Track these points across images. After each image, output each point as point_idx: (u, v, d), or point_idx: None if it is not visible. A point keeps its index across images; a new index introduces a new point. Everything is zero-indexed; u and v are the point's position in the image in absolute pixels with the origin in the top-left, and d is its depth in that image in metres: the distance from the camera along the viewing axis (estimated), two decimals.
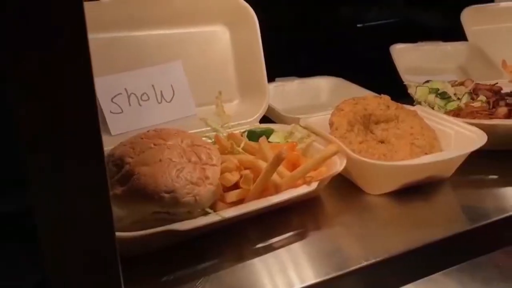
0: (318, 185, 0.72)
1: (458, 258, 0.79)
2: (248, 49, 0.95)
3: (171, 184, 0.63)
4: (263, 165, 0.70)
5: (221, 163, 0.71)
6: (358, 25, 1.41)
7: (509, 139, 0.90)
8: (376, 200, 0.79)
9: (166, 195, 0.62)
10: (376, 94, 1.00)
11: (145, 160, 0.65)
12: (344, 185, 0.83)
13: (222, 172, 0.70)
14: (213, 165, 0.69)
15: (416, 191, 0.81)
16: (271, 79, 1.16)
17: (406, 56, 1.26)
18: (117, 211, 0.64)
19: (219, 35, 0.96)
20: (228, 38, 0.97)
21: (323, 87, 1.19)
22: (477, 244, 0.80)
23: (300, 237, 0.71)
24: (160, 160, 0.65)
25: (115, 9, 0.85)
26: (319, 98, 1.17)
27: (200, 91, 0.94)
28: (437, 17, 1.45)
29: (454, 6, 1.36)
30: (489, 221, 0.78)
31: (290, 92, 1.16)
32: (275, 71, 1.18)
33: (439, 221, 0.77)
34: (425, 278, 0.77)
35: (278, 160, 0.68)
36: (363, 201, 0.79)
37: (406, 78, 1.17)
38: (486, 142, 0.83)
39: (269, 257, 0.67)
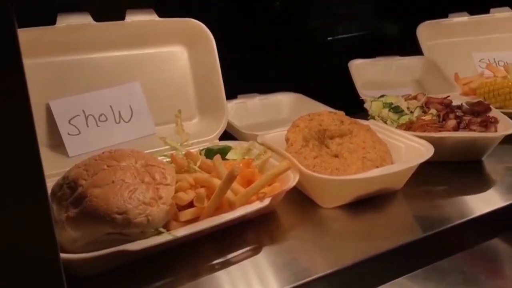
0: (272, 200, 0.74)
1: (410, 266, 0.82)
2: (207, 69, 0.97)
3: (123, 205, 0.64)
4: (218, 183, 0.72)
5: (176, 182, 0.72)
6: (329, 38, 1.44)
7: (457, 151, 0.93)
8: (329, 213, 0.82)
9: (118, 216, 0.63)
10: (333, 110, 1.03)
11: (98, 182, 0.66)
12: (300, 199, 0.85)
13: (176, 191, 0.71)
14: (167, 184, 0.70)
15: (368, 203, 0.83)
16: (233, 96, 1.19)
17: (364, 71, 1.30)
18: (71, 233, 0.65)
19: (177, 55, 0.98)
20: (186, 58, 0.99)
21: (284, 103, 1.21)
22: (428, 252, 0.83)
23: (255, 252, 0.73)
24: (113, 182, 0.66)
25: (71, 32, 0.86)
26: (280, 114, 1.20)
27: (159, 110, 0.96)
28: (402, 30, 1.50)
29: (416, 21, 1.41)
30: (439, 229, 0.81)
31: (252, 108, 1.18)
32: (239, 88, 1.21)
33: (391, 231, 0.79)
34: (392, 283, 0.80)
35: (231, 178, 0.70)
36: (317, 214, 0.81)
37: (364, 92, 1.21)
38: (436, 154, 0.87)
39: (224, 273, 0.68)
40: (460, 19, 1.42)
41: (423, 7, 1.48)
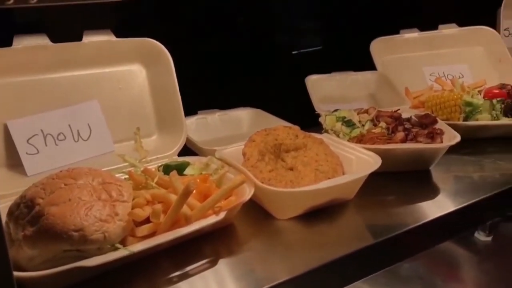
0: (228, 214, 0.77)
1: (364, 271, 0.85)
2: (165, 86, 1.00)
3: (80, 223, 0.65)
4: (174, 198, 0.74)
5: (133, 199, 0.74)
6: (293, 52, 1.49)
7: (405, 161, 0.99)
8: (285, 224, 0.85)
9: (75, 234, 0.65)
10: (289, 124, 1.07)
11: (55, 200, 0.68)
12: (257, 211, 0.88)
13: (133, 208, 0.73)
14: (124, 201, 0.72)
15: (322, 213, 0.87)
16: (194, 112, 1.22)
17: (320, 86, 1.35)
18: (28, 251, 0.66)
19: (135, 74, 1.01)
20: (144, 76, 1.01)
21: (244, 118, 1.25)
22: (381, 257, 0.87)
23: (212, 264, 0.75)
24: (70, 200, 0.68)
25: (27, 53, 0.87)
26: (239, 129, 1.23)
27: (118, 128, 0.98)
28: (356, 45, 1.56)
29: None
30: (389, 235, 0.85)
31: (212, 124, 1.21)
32: (200, 104, 1.24)
33: (343, 239, 0.83)
34: None
35: (186, 193, 0.72)
36: (273, 225, 0.85)
37: (321, 107, 1.26)
38: (386, 165, 0.92)
39: (182, 285, 0.70)
40: (411, 35, 1.49)
41: (376, 24, 1.55)
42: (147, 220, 0.74)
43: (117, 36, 0.97)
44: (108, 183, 0.73)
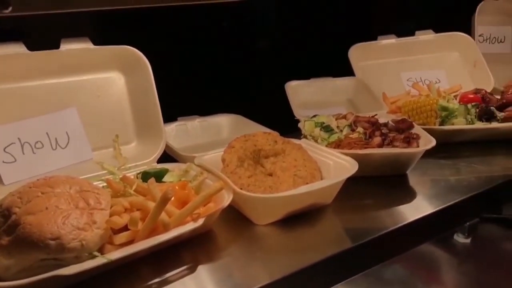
0: (206, 220, 0.77)
1: (341, 276, 0.86)
2: (144, 93, 1.00)
3: (57, 231, 0.65)
4: (152, 205, 0.74)
5: (111, 207, 0.74)
6: (274, 58, 1.50)
7: (382, 166, 1.00)
8: (263, 230, 0.86)
9: (52, 242, 0.65)
10: (268, 130, 1.08)
11: (32, 209, 0.67)
12: (236, 217, 0.89)
13: (111, 215, 0.73)
14: (102, 209, 0.72)
15: (301, 218, 0.88)
16: (173, 118, 1.22)
17: (300, 92, 1.37)
18: (3, 261, 0.65)
19: (114, 81, 1.01)
20: (123, 84, 1.01)
21: (224, 124, 1.25)
22: (359, 261, 0.88)
23: (191, 270, 0.76)
24: (47, 208, 0.68)
25: (4, 61, 0.87)
26: (220, 135, 1.23)
27: (97, 136, 0.98)
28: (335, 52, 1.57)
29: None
30: (367, 239, 0.86)
31: (192, 130, 1.21)
32: (180, 110, 1.24)
33: (322, 243, 0.84)
34: None
35: (164, 200, 0.72)
36: (252, 231, 0.85)
37: (300, 112, 1.27)
38: (363, 169, 0.93)
39: None
40: (389, 41, 1.52)
41: (354, 31, 1.57)
42: (125, 228, 0.74)
43: (96, 44, 0.97)
44: (85, 191, 0.73)
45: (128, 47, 0.99)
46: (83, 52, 0.95)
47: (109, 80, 1.00)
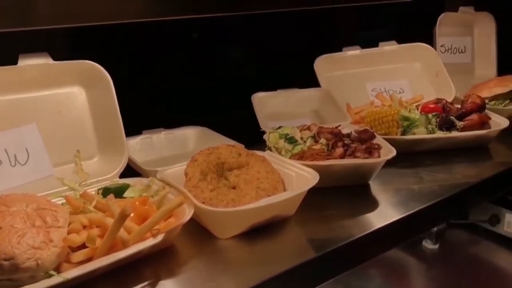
0: (167, 236, 0.77)
1: (306, 286, 0.87)
2: (105, 108, 1.00)
3: (11, 251, 0.64)
4: (111, 222, 0.74)
5: (69, 224, 0.74)
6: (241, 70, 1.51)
7: (345, 176, 1.02)
8: (226, 243, 0.86)
9: (5, 263, 0.64)
10: (233, 142, 1.09)
11: None
12: (199, 231, 0.88)
13: (69, 233, 0.72)
14: (59, 227, 0.71)
15: (263, 230, 0.89)
16: (138, 131, 1.22)
17: (266, 103, 1.37)
18: None
19: (75, 96, 1.00)
20: (84, 98, 1.01)
21: (190, 137, 1.25)
22: (323, 270, 0.89)
23: (151, 286, 0.75)
24: (1, 228, 0.67)
25: None
26: (186, 148, 1.23)
27: (59, 151, 0.97)
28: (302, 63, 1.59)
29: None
30: (331, 248, 0.87)
31: (157, 143, 1.21)
32: (145, 123, 1.23)
33: (285, 255, 0.85)
34: None
35: (123, 217, 0.72)
36: (215, 245, 0.85)
37: (267, 124, 1.28)
38: (325, 180, 0.95)
39: None
40: (353, 52, 1.54)
41: (320, 42, 1.60)
42: (84, 246, 0.73)
43: (55, 59, 0.96)
44: (43, 209, 0.72)
45: (89, 61, 0.98)
46: (42, 67, 0.94)
47: (70, 95, 0.99)
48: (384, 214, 0.99)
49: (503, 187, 1.30)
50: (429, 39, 1.62)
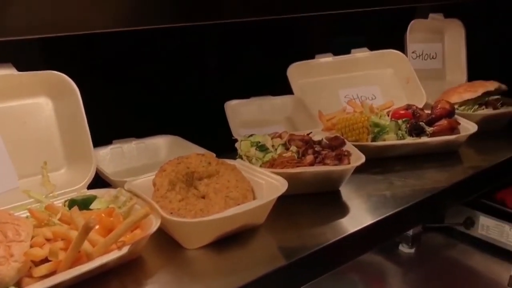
0: (133, 248, 0.76)
1: None
2: (72, 118, 0.98)
3: None
4: (75, 235, 0.73)
5: (32, 238, 0.72)
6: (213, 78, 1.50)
7: (315, 183, 1.02)
8: (195, 254, 0.85)
9: None
10: (205, 151, 1.08)
11: None
12: (168, 242, 0.88)
13: (32, 247, 0.71)
14: (21, 241, 0.70)
15: (233, 240, 0.88)
16: (108, 141, 1.20)
17: (240, 111, 1.37)
18: None
19: (41, 107, 0.99)
20: (51, 109, 0.99)
21: (161, 146, 1.24)
22: (294, 277, 0.88)
23: None
24: None
25: None
26: (157, 157, 1.22)
27: (25, 163, 0.95)
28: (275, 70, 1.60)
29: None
30: (301, 255, 0.87)
31: (128, 153, 1.19)
32: (116, 132, 1.22)
33: (255, 263, 0.84)
34: None
35: (86, 229, 0.71)
36: (183, 255, 0.85)
37: (240, 132, 1.27)
38: (296, 188, 0.95)
39: None
40: (326, 59, 1.55)
41: (293, 50, 1.60)
42: (48, 260, 0.72)
43: (20, 70, 0.95)
44: (3, 223, 0.71)
45: (55, 72, 0.97)
46: (6, 78, 0.92)
47: (36, 106, 0.98)
48: (355, 219, 1.00)
49: (473, 191, 1.32)
50: (401, 46, 1.64)
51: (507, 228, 1.91)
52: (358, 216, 1.01)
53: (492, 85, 1.49)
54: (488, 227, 1.98)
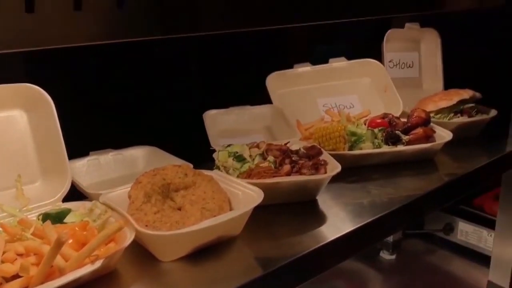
0: (106, 261, 0.76)
1: None
2: (47, 131, 0.98)
3: None
4: (48, 249, 0.72)
5: (3, 253, 0.72)
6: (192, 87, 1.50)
7: (292, 193, 1.03)
8: (170, 266, 0.85)
9: None
10: (182, 162, 1.08)
11: None
12: (143, 255, 0.87)
13: (3, 262, 0.70)
14: None
15: (209, 251, 0.88)
16: (86, 153, 1.19)
17: (219, 121, 1.37)
18: None
19: (16, 119, 0.98)
20: (26, 122, 0.98)
21: (139, 157, 1.23)
22: (273, 287, 0.89)
23: None
24: None
25: None
26: (135, 169, 1.21)
27: None
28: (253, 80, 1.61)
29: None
30: (279, 265, 0.87)
31: (105, 165, 1.18)
32: (93, 144, 1.21)
33: (232, 274, 0.84)
34: None
35: (58, 244, 0.70)
36: (158, 268, 0.84)
37: (218, 142, 1.27)
38: (272, 197, 0.96)
39: None
40: (304, 69, 1.56)
41: (272, 60, 1.62)
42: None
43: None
44: None
45: (29, 84, 0.96)
46: None
47: (10, 118, 0.97)
48: (333, 227, 1.00)
49: (449, 197, 1.34)
50: (378, 55, 1.66)
51: (485, 233, 1.95)
52: (336, 224, 1.02)
53: (467, 93, 1.52)
54: (467, 232, 2.01)
